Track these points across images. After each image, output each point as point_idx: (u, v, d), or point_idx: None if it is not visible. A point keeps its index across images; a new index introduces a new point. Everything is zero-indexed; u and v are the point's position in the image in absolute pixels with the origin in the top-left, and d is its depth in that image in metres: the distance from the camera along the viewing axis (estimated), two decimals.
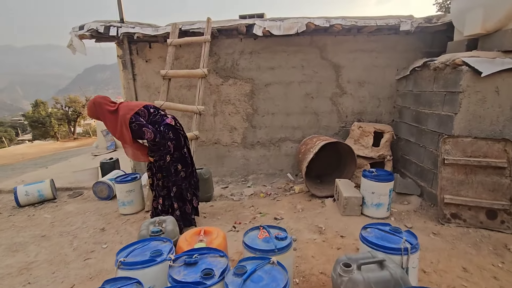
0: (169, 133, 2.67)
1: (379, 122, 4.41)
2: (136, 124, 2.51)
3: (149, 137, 2.54)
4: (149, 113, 2.68)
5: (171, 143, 2.69)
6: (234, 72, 4.36)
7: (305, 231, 2.82)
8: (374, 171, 3.05)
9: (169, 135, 2.67)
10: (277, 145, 4.60)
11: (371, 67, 4.29)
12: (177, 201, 2.84)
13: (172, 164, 2.76)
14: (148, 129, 2.53)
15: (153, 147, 2.65)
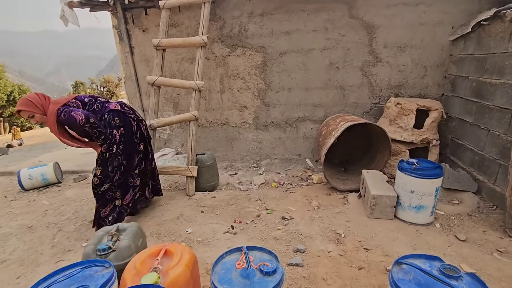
0: (114, 119, 2.39)
1: (423, 97, 3.50)
2: (64, 113, 2.23)
3: (81, 119, 2.22)
4: (84, 103, 2.40)
5: (117, 131, 2.40)
6: (243, 39, 3.67)
7: (318, 239, 2.22)
8: (415, 163, 2.29)
9: (115, 122, 2.39)
10: (294, 126, 3.92)
11: (416, 26, 3.32)
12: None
13: (117, 156, 2.45)
14: (77, 112, 2.22)
15: (91, 131, 2.30)
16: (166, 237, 2.38)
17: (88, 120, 2.25)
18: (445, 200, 2.70)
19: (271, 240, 2.24)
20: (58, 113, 2.23)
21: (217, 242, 2.26)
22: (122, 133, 2.46)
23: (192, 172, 3.12)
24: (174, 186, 3.55)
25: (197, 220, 2.64)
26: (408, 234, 2.22)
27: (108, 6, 3.68)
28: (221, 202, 2.99)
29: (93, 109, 2.40)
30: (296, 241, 2.20)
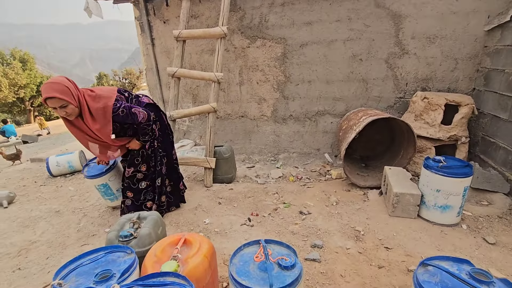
0: (151, 113, 2.28)
1: (452, 92, 3.31)
2: (123, 109, 2.05)
3: (143, 117, 2.15)
4: (125, 97, 2.25)
5: (155, 126, 2.36)
6: (263, 30, 3.61)
7: (337, 235, 2.18)
8: (442, 161, 2.18)
9: (153, 116, 2.29)
10: (314, 120, 3.84)
11: (447, 15, 3.12)
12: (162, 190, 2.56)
13: (158, 150, 2.43)
14: (137, 109, 2.13)
15: (144, 130, 2.24)
16: (184, 227, 2.42)
17: (150, 117, 2.19)
18: (473, 201, 2.56)
19: (288, 234, 2.22)
20: (114, 109, 2.00)
21: (234, 233, 2.27)
22: (159, 127, 2.44)
23: (210, 164, 3.15)
24: (193, 177, 3.60)
25: (215, 211, 2.66)
26: (432, 234, 2.13)
27: None
28: (239, 194, 3.00)
29: (133, 103, 2.27)
30: (314, 236, 2.17)
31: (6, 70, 18.49)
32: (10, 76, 18.27)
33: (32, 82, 20.57)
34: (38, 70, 23.23)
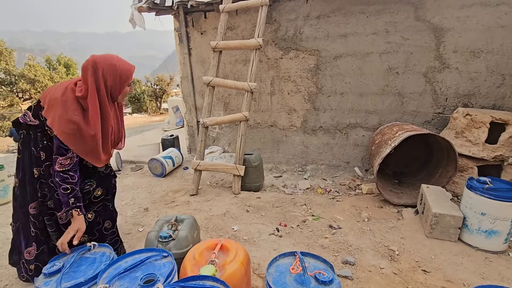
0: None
1: (498, 109, 3.11)
2: None
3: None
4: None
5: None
6: (297, 42, 3.65)
7: (369, 253, 2.10)
8: (488, 182, 2.05)
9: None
10: (344, 132, 3.78)
11: (494, 28, 2.97)
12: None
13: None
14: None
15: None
16: (213, 232, 2.46)
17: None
18: None
19: (318, 248, 2.18)
20: None
21: (262, 242, 2.27)
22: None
23: (240, 171, 3.19)
24: (221, 183, 3.67)
25: (243, 218, 2.68)
26: (475, 260, 1.99)
27: (172, 10, 3.95)
28: (266, 203, 3.00)
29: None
30: (345, 252, 2.11)
31: (53, 74, 20.15)
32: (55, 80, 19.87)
33: None
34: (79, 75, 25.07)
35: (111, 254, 1.43)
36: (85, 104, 1.55)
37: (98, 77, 1.54)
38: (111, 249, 1.45)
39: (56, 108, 1.51)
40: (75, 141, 1.52)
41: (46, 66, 21.68)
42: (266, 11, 3.19)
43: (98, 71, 1.54)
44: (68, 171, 1.54)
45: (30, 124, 1.59)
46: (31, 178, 1.62)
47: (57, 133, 1.50)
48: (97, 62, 1.54)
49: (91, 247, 1.47)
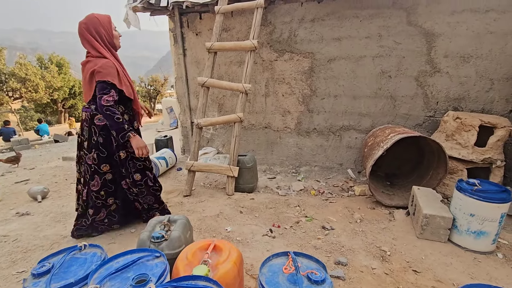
0: None
1: (487, 113, 3.19)
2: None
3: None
4: None
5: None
6: (291, 45, 3.68)
7: (361, 253, 2.12)
8: (476, 184, 2.09)
9: None
10: (338, 135, 3.82)
11: (483, 35, 3.05)
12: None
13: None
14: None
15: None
16: (206, 233, 2.45)
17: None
18: (510, 229, 2.42)
19: (311, 249, 2.19)
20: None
21: (256, 243, 2.27)
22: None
23: (233, 172, 3.19)
24: (214, 184, 3.66)
25: (236, 219, 2.68)
26: (464, 261, 2.02)
27: (167, 11, 3.95)
28: (260, 204, 3.00)
29: None
30: (337, 253, 2.13)
31: (44, 73, 19.84)
32: (47, 79, 19.58)
33: (66, 85, 21.93)
34: (71, 74, 24.77)
35: (102, 254, 1.42)
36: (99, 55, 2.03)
37: (92, 32, 2.01)
38: (103, 250, 1.44)
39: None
40: (118, 79, 2.05)
41: (38, 65, 21.34)
42: (261, 13, 3.21)
43: (90, 29, 2.01)
44: (111, 106, 1.97)
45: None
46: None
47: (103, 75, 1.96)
48: (85, 22, 2.01)
49: (82, 247, 1.45)
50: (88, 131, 2.14)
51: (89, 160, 2.16)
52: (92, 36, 2.01)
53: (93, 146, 2.14)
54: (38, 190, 3.31)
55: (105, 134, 2.13)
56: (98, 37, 2.03)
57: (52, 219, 2.83)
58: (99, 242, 2.34)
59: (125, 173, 2.27)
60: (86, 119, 2.14)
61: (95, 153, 2.14)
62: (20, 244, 2.36)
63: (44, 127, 10.85)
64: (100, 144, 2.14)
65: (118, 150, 2.18)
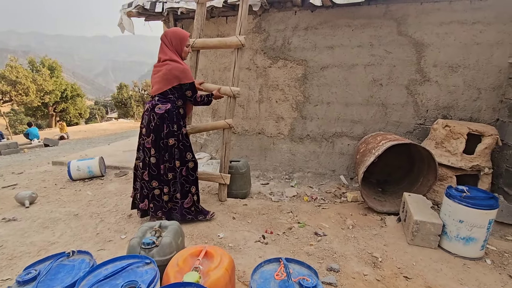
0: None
1: (475, 121, 3.27)
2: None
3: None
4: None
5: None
6: (285, 52, 3.73)
7: (353, 260, 2.13)
8: (465, 191, 2.13)
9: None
10: (331, 141, 3.85)
11: (470, 45, 3.15)
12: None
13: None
14: None
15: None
16: (199, 239, 2.43)
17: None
18: (498, 235, 2.46)
19: (303, 255, 2.19)
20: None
21: (248, 250, 2.26)
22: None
23: (225, 180, 3.17)
24: (207, 190, 3.64)
25: (229, 226, 2.66)
26: (454, 267, 2.05)
27: (162, 16, 3.97)
28: (253, 210, 2.99)
29: None
30: (330, 259, 2.13)
31: (36, 76, 19.58)
32: (38, 82, 19.31)
33: (57, 89, 21.66)
34: (64, 78, 24.52)
35: (90, 261, 1.39)
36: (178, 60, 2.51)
37: (167, 42, 2.50)
38: (91, 256, 1.41)
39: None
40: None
41: (29, 67, 21.06)
42: (248, 6, 2.94)
43: (168, 37, 2.49)
44: (200, 102, 2.70)
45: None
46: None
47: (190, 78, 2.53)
48: (166, 33, 2.50)
49: (70, 254, 1.42)
50: (147, 118, 2.48)
51: (147, 144, 2.49)
52: (172, 45, 2.50)
53: (150, 131, 2.46)
54: (25, 195, 3.23)
55: (159, 121, 2.45)
56: (177, 47, 2.52)
57: (40, 225, 2.76)
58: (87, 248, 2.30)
59: (167, 159, 2.54)
60: (148, 109, 2.50)
61: (151, 137, 2.48)
62: (5, 251, 2.29)
63: (33, 131, 10.66)
64: (154, 129, 2.46)
65: (167, 137, 2.48)
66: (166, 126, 2.47)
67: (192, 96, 2.60)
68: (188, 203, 2.66)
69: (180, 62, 2.48)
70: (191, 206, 2.68)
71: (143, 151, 2.55)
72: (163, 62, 2.47)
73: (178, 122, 2.53)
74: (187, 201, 2.66)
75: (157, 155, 2.51)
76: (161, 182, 2.57)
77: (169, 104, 2.49)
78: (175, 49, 2.50)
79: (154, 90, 2.50)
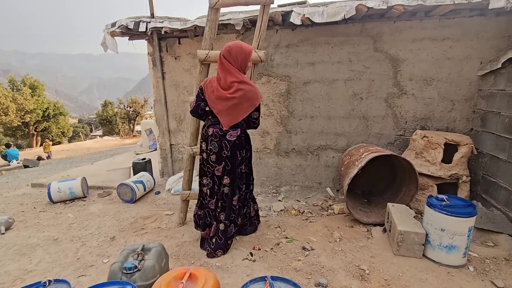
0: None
1: (451, 131, 3.42)
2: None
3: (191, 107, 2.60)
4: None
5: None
6: (268, 68, 3.82)
7: (341, 273, 2.13)
8: (445, 199, 2.20)
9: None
10: (316, 154, 3.91)
11: (442, 60, 3.34)
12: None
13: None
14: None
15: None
16: (185, 259, 2.37)
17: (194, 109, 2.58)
18: (478, 241, 2.53)
19: (291, 271, 2.17)
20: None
21: (236, 268, 2.22)
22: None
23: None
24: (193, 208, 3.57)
25: None
26: (439, 276, 2.08)
27: (145, 36, 4.01)
28: None
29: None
30: (318, 274, 2.12)
31: (16, 95, 19.06)
32: (18, 101, 18.79)
33: (39, 108, 21.12)
34: (46, 97, 23.98)
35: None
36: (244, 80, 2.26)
37: (231, 59, 2.20)
38: (69, 285, 1.35)
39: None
40: None
41: (9, 86, 20.52)
42: (268, 12, 2.70)
43: (232, 54, 2.19)
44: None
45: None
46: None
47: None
48: (230, 49, 2.20)
49: (46, 283, 1.36)
50: (217, 145, 2.31)
51: (218, 172, 2.35)
52: (238, 63, 2.22)
53: (222, 159, 2.32)
54: (1, 220, 3.08)
55: (232, 150, 2.32)
56: (242, 64, 2.25)
57: (16, 252, 2.63)
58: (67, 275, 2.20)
59: (241, 187, 2.49)
60: (215, 135, 2.31)
61: (223, 165, 2.34)
62: None
63: (12, 152, 10.27)
64: (228, 157, 2.33)
65: (240, 165, 2.41)
66: (239, 154, 2.36)
67: (258, 117, 2.42)
68: (252, 212, 2.78)
69: (250, 83, 2.25)
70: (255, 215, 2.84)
71: (212, 178, 2.40)
72: (231, 85, 2.17)
73: (245, 146, 2.43)
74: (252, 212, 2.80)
75: (230, 185, 2.38)
76: (229, 214, 2.41)
77: (239, 129, 2.32)
78: (239, 66, 2.22)
79: (227, 122, 2.25)
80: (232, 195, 2.40)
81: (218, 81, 2.25)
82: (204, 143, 2.41)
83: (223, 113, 2.25)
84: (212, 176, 2.39)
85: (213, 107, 2.27)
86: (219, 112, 2.26)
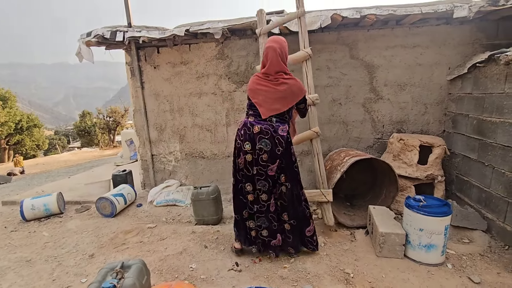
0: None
1: (425, 133, 3.57)
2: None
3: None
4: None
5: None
6: (248, 76, 3.85)
7: (327, 279, 2.14)
8: (422, 200, 2.28)
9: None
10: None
11: (414, 66, 3.50)
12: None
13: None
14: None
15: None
16: (168, 274, 2.30)
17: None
18: (455, 239, 2.63)
19: (278, 279, 2.16)
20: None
21: (221, 280, 2.18)
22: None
23: (327, 197, 2.83)
24: (178, 218, 3.50)
25: (201, 255, 2.56)
26: (420, 275, 2.14)
27: (123, 45, 3.93)
28: (226, 236, 2.92)
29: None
30: (303, 281, 2.12)
31: None
32: None
33: (11, 120, 20.06)
34: (18, 108, 22.84)
35: None
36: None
37: (278, 51, 2.19)
38: None
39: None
40: None
41: None
42: (305, 22, 3.03)
43: (278, 45, 2.20)
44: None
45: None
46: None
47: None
48: (276, 40, 2.24)
49: None
50: (269, 142, 2.18)
51: (271, 171, 2.23)
52: (284, 55, 2.24)
53: (277, 157, 2.20)
54: None
55: (286, 145, 2.23)
56: (283, 58, 2.24)
57: None
58: None
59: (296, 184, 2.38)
60: (266, 132, 2.19)
61: (277, 163, 2.22)
62: None
63: None
64: (280, 154, 2.21)
65: (296, 161, 2.34)
66: (291, 149, 2.29)
67: (305, 107, 2.45)
68: (310, 231, 2.41)
69: (294, 77, 2.25)
70: (313, 234, 2.43)
71: (266, 180, 2.24)
72: (277, 76, 2.20)
73: (291, 141, 2.34)
74: (309, 229, 2.41)
75: (288, 184, 2.29)
76: (291, 214, 2.35)
77: (286, 124, 2.26)
78: (282, 59, 2.21)
79: (272, 109, 2.19)
80: (290, 193, 2.31)
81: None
82: (247, 144, 2.22)
83: (264, 101, 2.22)
84: (266, 178, 2.24)
85: (255, 97, 2.28)
86: (261, 101, 2.23)
